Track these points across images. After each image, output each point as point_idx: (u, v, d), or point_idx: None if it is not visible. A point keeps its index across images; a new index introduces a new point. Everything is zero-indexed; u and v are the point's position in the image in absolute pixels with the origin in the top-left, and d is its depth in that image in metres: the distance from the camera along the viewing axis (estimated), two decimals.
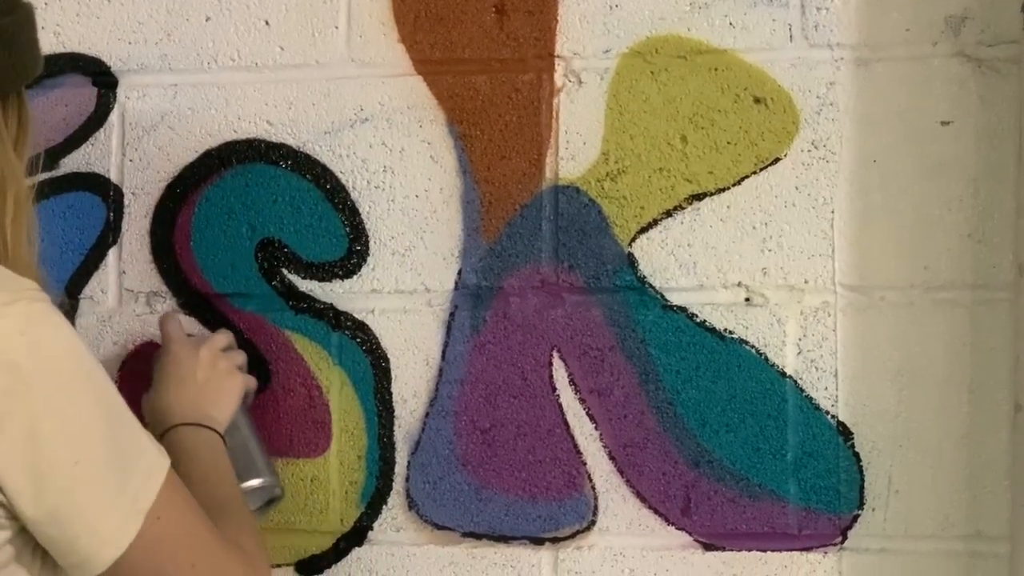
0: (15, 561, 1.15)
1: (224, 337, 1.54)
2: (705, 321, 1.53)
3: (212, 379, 1.47)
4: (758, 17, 1.52)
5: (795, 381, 1.52)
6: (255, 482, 1.50)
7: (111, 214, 1.64)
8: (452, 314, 1.58)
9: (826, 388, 1.51)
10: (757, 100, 1.52)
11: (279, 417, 1.61)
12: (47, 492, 1.09)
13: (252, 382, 1.54)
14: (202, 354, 1.48)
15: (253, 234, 1.62)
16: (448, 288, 1.58)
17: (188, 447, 1.38)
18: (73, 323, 1.58)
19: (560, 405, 1.56)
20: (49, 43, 1.59)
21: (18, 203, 1.24)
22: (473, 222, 1.58)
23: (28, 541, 1.15)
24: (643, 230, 1.55)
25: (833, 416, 1.51)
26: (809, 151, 1.51)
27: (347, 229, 1.60)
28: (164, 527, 1.15)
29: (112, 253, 1.65)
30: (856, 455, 1.51)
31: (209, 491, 1.32)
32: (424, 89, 1.59)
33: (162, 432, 1.40)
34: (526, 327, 1.57)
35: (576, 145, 1.56)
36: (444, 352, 1.58)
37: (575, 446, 1.56)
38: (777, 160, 1.52)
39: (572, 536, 1.56)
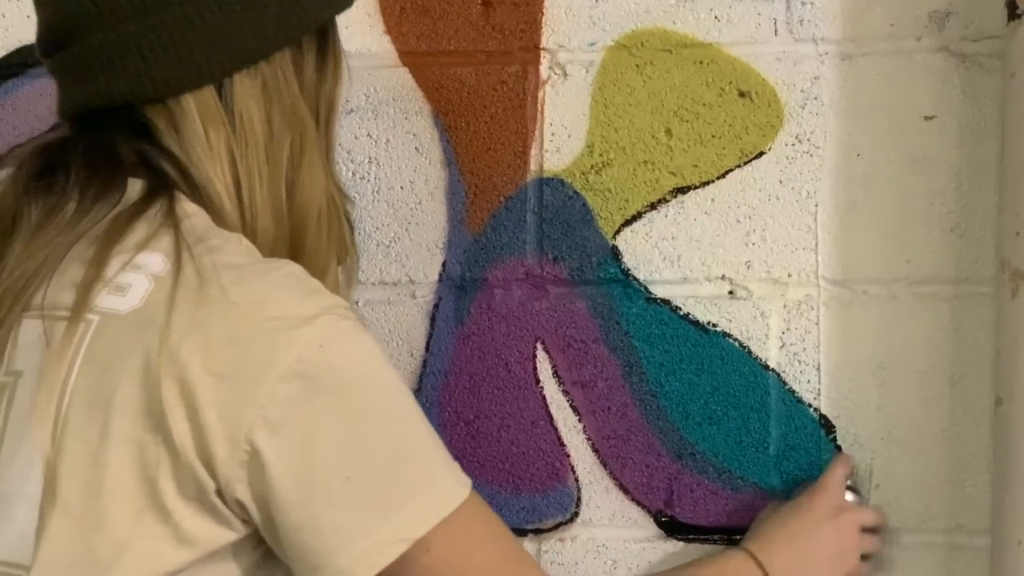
0: None
1: (873, 517, 1.46)
2: (689, 314, 1.54)
3: (824, 550, 1.41)
4: (743, 11, 1.52)
5: (778, 374, 1.52)
6: None
7: None
8: (436, 305, 1.58)
9: (808, 381, 1.51)
10: (742, 94, 1.52)
11: None
12: (311, 503, 1.07)
13: (866, 573, 1.46)
14: (839, 521, 1.42)
15: None
16: (432, 279, 1.59)
17: (726, 569, 1.38)
18: None
19: (544, 397, 1.57)
20: None
21: (300, 163, 1.22)
22: (458, 214, 1.58)
23: (266, 574, 1.14)
24: (627, 223, 1.55)
25: (815, 409, 1.52)
26: (793, 145, 1.52)
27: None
28: (436, 559, 1.10)
29: None
30: (838, 448, 1.51)
31: None
32: (410, 81, 1.59)
33: (742, 546, 1.40)
34: (510, 319, 1.57)
35: (561, 137, 1.56)
36: (428, 343, 1.59)
37: (558, 438, 1.56)
38: (761, 154, 1.52)
39: (555, 528, 1.57)
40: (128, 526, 1.07)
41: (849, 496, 1.47)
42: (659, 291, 1.55)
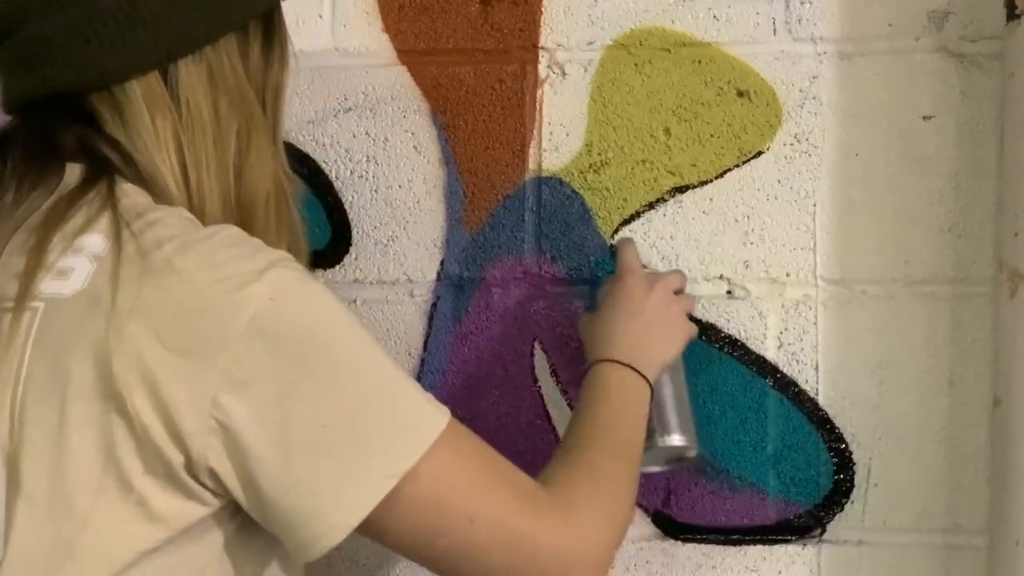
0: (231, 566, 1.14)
1: (679, 279, 1.47)
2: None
3: (660, 322, 1.41)
4: (742, 10, 1.52)
5: (776, 374, 1.52)
6: (662, 440, 1.42)
7: None
8: (434, 305, 1.58)
9: (807, 381, 1.51)
10: (740, 93, 1.52)
11: None
12: (291, 458, 1.07)
13: (694, 330, 1.47)
14: (656, 293, 1.42)
15: None
16: (430, 279, 1.58)
17: (610, 386, 1.35)
18: None
19: (541, 396, 1.57)
20: None
21: (248, 149, 1.22)
22: (456, 213, 1.58)
23: (242, 545, 1.14)
24: (626, 222, 1.55)
25: (813, 409, 1.51)
26: (792, 145, 1.52)
27: (330, 219, 1.60)
28: (424, 488, 1.11)
29: None
30: (836, 450, 1.51)
31: (604, 435, 1.30)
32: (408, 79, 1.59)
33: (592, 361, 1.38)
34: (508, 318, 1.57)
35: (559, 136, 1.56)
36: (426, 343, 1.58)
37: (556, 437, 1.56)
38: (760, 153, 1.52)
39: None
40: (96, 509, 1.07)
41: (646, 270, 1.47)
42: None
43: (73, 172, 1.17)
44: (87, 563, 1.07)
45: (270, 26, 1.26)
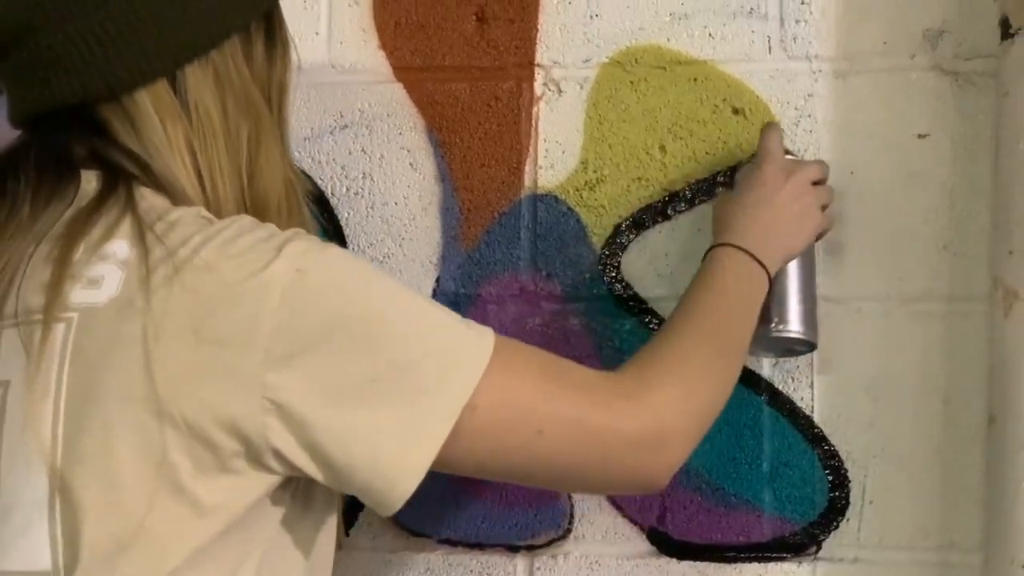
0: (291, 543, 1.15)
1: (820, 169, 1.45)
2: None
3: (790, 212, 1.39)
4: (737, 28, 1.52)
5: (771, 391, 1.52)
6: (779, 328, 1.41)
7: None
8: None
9: (802, 398, 1.51)
10: (736, 111, 1.53)
11: None
12: (349, 415, 1.09)
13: (830, 223, 1.46)
14: (792, 182, 1.40)
15: None
16: (426, 295, 1.58)
17: (725, 270, 1.35)
18: None
19: None
20: None
21: (258, 151, 1.24)
22: (452, 229, 1.58)
23: (288, 529, 1.15)
24: (620, 238, 1.55)
25: (809, 426, 1.51)
26: None
27: (326, 236, 1.60)
28: (485, 414, 1.12)
29: None
30: (830, 466, 1.51)
31: (703, 319, 1.30)
32: (404, 96, 1.59)
33: (714, 244, 1.38)
34: (504, 335, 1.56)
35: (555, 154, 1.56)
36: None
37: None
38: None
39: (548, 544, 1.56)
40: (150, 512, 1.07)
41: (788, 157, 1.46)
42: (653, 308, 1.54)
43: (89, 180, 1.17)
44: (143, 564, 1.07)
45: (271, 26, 1.27)
